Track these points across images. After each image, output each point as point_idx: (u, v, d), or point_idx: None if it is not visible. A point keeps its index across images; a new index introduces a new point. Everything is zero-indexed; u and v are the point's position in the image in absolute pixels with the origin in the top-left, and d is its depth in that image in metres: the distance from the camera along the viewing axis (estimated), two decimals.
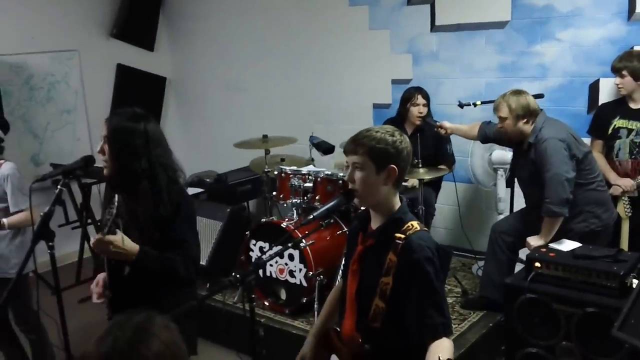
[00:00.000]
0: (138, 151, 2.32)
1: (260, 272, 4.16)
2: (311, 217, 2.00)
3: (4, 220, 3.20)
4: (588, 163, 3.50)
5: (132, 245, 2.22)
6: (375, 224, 2.06)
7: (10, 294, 2.36)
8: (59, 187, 2.50)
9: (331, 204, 2.03)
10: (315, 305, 3.88)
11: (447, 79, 4.83)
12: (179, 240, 2.35)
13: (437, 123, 4.15)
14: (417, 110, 4.46)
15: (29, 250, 2.39)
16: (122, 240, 2.19)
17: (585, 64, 4.19)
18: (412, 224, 1.98)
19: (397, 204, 2.04)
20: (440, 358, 1.79)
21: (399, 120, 4.57)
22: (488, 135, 3.91)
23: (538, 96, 3.82)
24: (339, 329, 2.20)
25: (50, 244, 2.37)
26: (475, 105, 4.11)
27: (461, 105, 4.16)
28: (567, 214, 3.40)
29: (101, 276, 2.48)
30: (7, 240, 3.32)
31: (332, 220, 4.11)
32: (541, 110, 3.56)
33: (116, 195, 2.17)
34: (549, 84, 4.31)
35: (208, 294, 1.98)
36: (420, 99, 4.47)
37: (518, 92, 3.55)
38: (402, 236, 1.94)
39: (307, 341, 2.31)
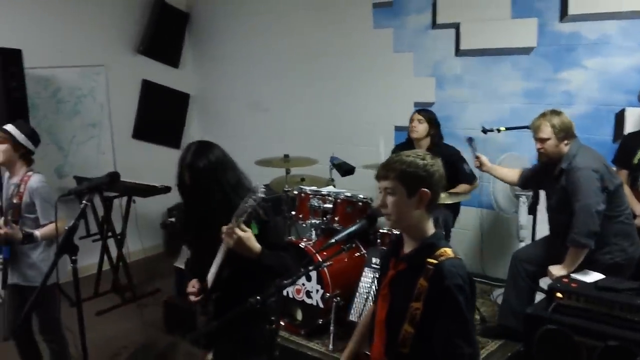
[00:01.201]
0: (212, 188, 2.36)
1: None
2: (333, 240, 1.99)
3: (37, 232, 3.26)
4: (619, 196, 3.45)
5: (256, 244, 2.26)
6: (407, 248, 2.05)
7: (34, 304, 2.38)
8: (84, 202, 2.54)
9: (353, 228, 2.02)
10: (332, 327, 3.86)
11: (471, 104, 4.82)
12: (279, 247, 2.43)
13: (477, 154, 4.03)
14: (411, 125, 4.48)
15: (52, 263, 2.43)
16: (252, 237, 2.24)
17: (612, 92, 4.16)
18: (445, 251, 1.95)
19: (431, 229, 2.02)
20: None
21: (408, 144, 4.56)
22: (528, 177, 3.85)
23: None
24: (368, 353, 2.18)
25: (74, 257, 2.40)
26: (499, 131, 4.07)
27: (484, 131, 4.13)
28: (593, 246, 3.34)
29: (194, 280, 2.53)
30: (39, 250, 3.37)
31: (353, 245, 4.07)
32: (575, 136, 3.52)
33: (258, 184, 2.19)
34: (574, 111, 4.26)
35: (229, 316, 1.95)
36: (415, 115, 4.49)
37: (558, 112, 3.50)
38: (434, 261, 1.92)
39: None
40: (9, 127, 3.31)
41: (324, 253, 3.62)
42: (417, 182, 1.95)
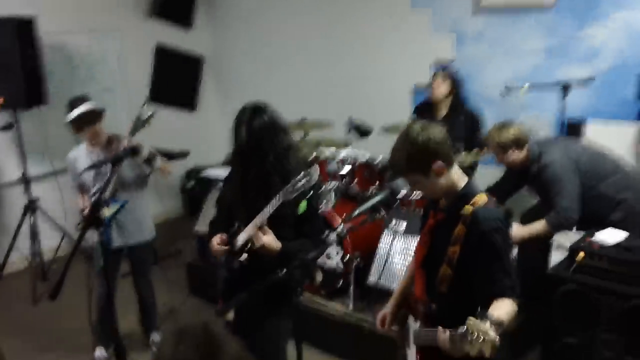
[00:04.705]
0: (265, 148, 2.40)
1: None
2: (357, 212, 2.02)
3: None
4: (597, 159, 3.42)
5: (277, 244, 2.37)
6: (445, 199, 2.17)
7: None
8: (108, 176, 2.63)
9: (376, 199, 2.06)
10: (351, 288, 3.88)
11: (492, 61, 4.71)
12: (312, 235, 2.49)
13: None
14: (432, 85, 4.38)
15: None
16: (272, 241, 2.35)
17: (638, 46, 4.02)
18: (478, 198, 2.06)
19: (462, 181, 2.11)
20: (491, 315, 1.81)
21: (427, 105, 4.49)
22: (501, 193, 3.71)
23: (589, 80, 3.71)
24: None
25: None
26: (522, 89, 3.99)
27: (507, 90, 4.06)
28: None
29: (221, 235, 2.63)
30: (144, 203, 3.80)
31: (381, 214, 3.97)
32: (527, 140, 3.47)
33: (315, 166, 2.24)
34: (599, 67, 4.16)
35: (257, 288, 1.99)
36: (438, 73, 4.40)
37: (500, 127, 3.47)
38: (470, 209, 2.03)
39: (389, 303, 2.47)
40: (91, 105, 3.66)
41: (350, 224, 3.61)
42: (424, 162, 2.02)
